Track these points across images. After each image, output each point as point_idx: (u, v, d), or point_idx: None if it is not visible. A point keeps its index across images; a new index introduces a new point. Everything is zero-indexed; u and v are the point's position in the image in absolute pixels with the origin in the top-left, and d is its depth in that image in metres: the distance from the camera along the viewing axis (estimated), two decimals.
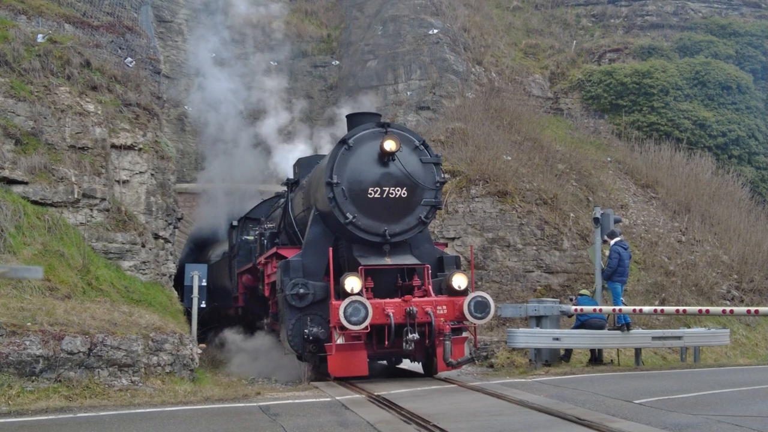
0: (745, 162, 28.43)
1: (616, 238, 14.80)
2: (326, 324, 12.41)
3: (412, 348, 11.95)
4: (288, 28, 30.85)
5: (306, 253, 13.13)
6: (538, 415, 8.45)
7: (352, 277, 11.99)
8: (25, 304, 11.14)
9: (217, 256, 24.08)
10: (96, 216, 14.52)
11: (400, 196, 12.86)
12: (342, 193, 12.65)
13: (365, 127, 13.18)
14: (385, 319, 11.81)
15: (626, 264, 14.71)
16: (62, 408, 9.49)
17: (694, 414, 8.17)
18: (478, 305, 12.18)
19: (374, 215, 12.76)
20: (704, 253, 22.31)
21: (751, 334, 19.94)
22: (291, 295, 12.53)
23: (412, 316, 11.90)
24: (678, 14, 32.42)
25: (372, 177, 12.79)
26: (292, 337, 12.59)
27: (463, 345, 12.96)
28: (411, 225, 13.03)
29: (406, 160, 12.90)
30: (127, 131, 15.85)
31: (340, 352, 11.89)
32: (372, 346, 12.32)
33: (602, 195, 22.93)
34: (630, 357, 15.52)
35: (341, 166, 12.77)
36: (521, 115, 25.96)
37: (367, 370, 12.14)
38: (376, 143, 12.75)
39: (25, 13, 17.39)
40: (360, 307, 11.43)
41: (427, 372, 13.27)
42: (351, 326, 11.40)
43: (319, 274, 12.92)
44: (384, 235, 12.75)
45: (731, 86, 29.12)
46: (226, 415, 9.20)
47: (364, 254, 12.85)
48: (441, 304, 12.37)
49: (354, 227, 12.66)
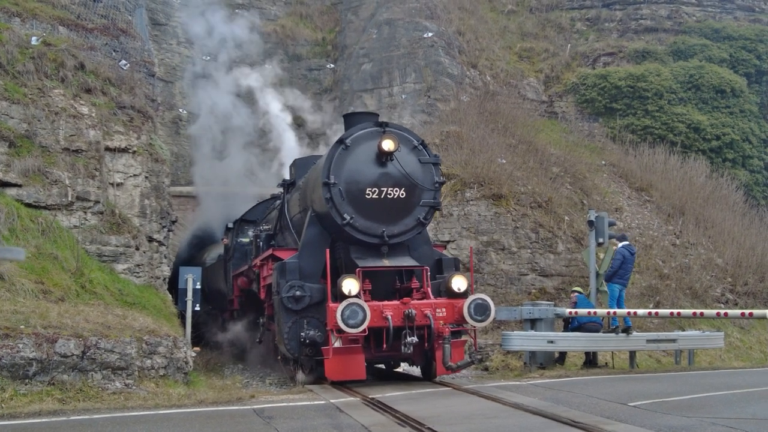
0: (739, 165, 28.51)
1: (624, 242, 14.92)
2: (323, 327, 12.17)
3: (410, 351, 11.73)
4: (283, 31, 30.85)
5: (302, 255, 12.91)
6: (533, 417, 8.45)
7: (349, 279, 11.74)
8: (18, 306, 11.09)
9: (212, 258, 23.95)
10: (90, 219, 14.48)
11: (399, 196, 12.64)
12: (339, 193, 12.44)
13: (363, 126, 12.94)
14: (383, 322, 11.57)
15: (629, 268, 14.78)
16: (56, 411, 9.45)
17: (689, 416, 8.19)
18: (478, 308, 11.95)
19: (372, 216, 12.54)
20: (698, 256, 22.35)
21: (745, 337, 19.98)
22: (287, 297, 12.31)
23: (411, 319, 11.66)
24: (672, 18, 32.50)
25: (370, 177, 12.56)
26: (288, 341, 12.36)
27: (462, 348, 12.73)
28: (409, 226, 12.83)
29: (405, 160, 12.68)
30: (121, 134, 15.82)
31: (338, 356, 11.66)
32: (370, 350, 12.10)
33: (597, 198, 22.96)
34: (624, 360, 15.53)
35: (338, 166, 12.55)
36: (516, 119, 25.97)
37: (365, 373, 11.96)
38: (374, 143, 12.54)
39: (19, 16, 17.35)
40: (358, 309, 11.21)
41: (425, 376, 13.05)
42: (348, 329, 11.18)
43: (316, 276, 12.70)
44: (382, 236, 12.55)
45: (725, 90, 29.20)
46: (220, 418, 9.18)
47: (362, 256, 12.61)
48: (440, 306, 12.10)
49: (351, 228, 12.46)
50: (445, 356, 11.59)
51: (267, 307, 15.00)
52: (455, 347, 12.10)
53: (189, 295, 15.37)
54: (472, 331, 12.73)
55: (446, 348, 11.60)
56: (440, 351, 11.76)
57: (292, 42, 30.96)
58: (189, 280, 15.44)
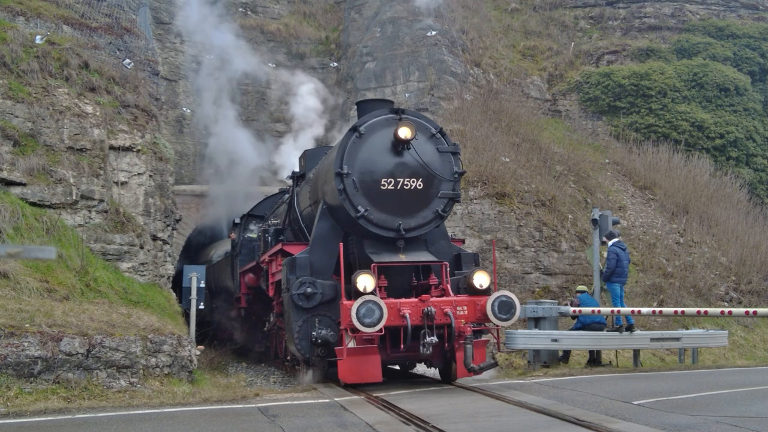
0: (743, 164, 28.49)
1: (614, 239, 14.82)
2: (336, 326, 11.50)
3: (429, 352, 10.92)
4: (286, 30, 30.87)
5: (313, 250, 12.17)
6: (537, 416, 8.45)
7: (364, 275, 10.95)
8: (23, 305, 11.12)
9: (219, 255, 23.54)
10: (94, 217, 14.50)
11: (416, 187, 11.87)
12: (353, 184, 11.64)
13: (378, 113, 12.14)
14: (400, 321, 10.78)
15: (625, 265, 14.71)
16: (61, 409, 9.47)
17: (693, 415, 8.18)
18: (502, 305, 11.12)
19: (388, 208, 11.78)
20: (702, 254, 22.34)
21: (749, 335, 19.97)
22: (298, 294, 11.59)
23: (431, 318, 10.87)
24: (676, 16, 32.47)
25: (385, 167, 11.76)
26: (298, 340, 11.68)
27: (484, 349, 11.87)
28: (427, 219, 12.04)
29: (422, 149, 11.90)
30: (125, 133, 15.84)
31: (352, 357, 10.87)
32: (385, 350, 11.31)
33: (600, 197, 22.95)
34: (628, 358, 15.53)
35: (352, 155, 11.74)
36: (519, 117, 25.98)
37: (381, 376, 11.15)
38: (389, 131, 11.73)
39: (24, 15, 17.37)
40: (374, 307, 10.44)
41: (444, 378, 12.23)
42: (364, 328, 10.40)
43: (328, 272, 12.00)
44: (398, 229, 11.77)
45: (729, 88, 29.18)
46: (224, 416, 9.20)
47: (377, 251, 11.84)
48: (461, 304, 11.27)
49: (366, 221, 11.67)
50: (467, 357, 10.85)
51: (276, 305, 14.49)
52: (477, 348, 11.33)
53: (193, 293, 15.38)
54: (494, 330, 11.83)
55: (468, 348, 10.85)
56: (461, 352, 11.04)
57: (296, 41, 30.98)
58: (193, 279, 15.46)
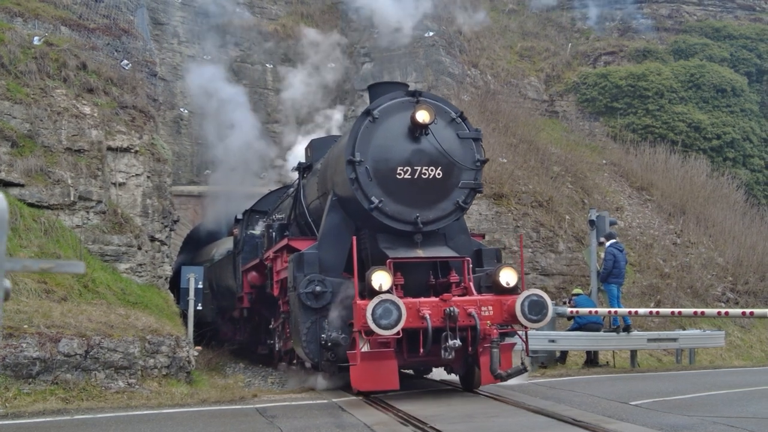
0: (740, 164, 28.56)
1: (611, 240, 14.86)
2: (348, 328, 10.39)
3: (452, 356, 9.85)
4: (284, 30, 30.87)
5: (322, 245, 11.12)
6: (535, 416, 8.47)
7: (380, 272, 9.84)
8: (21, 306, 11.12)
9: (220, 254, 22.70)
10: (92, 218, 14.50)
11: (434, 176, 10.79)
12: (366, 173, 10.59)
13: (393, 95, 11.06)
14: (420, 323, 9.68)
15: (622, 265, 14.75)
16: (59, 410, 9.48)
17: (690, 415, 8.22)
18: (533, 305, 9.96)
19: (404, 199, 10.72)
20: (699, 255, 22.40)
21: (746, 336, 20.03)
22: (306, 293, 10.51)
23: (453, 319, 9.77)
24: (673, 17, 32.55)
25: (401, 154, 10.72)
26: (306, 343, 10.62)
27: (510, 353, 10.66)
28: (447, 211, 10.94)
29: (442, 135, 10.83)
30: (123, 134, 15.84)
31: (366, 362, 9.74)
32: (402, 354, 10.14)
33: (597, 197, 23.00)
34: (625, 359, 15.57)
35: (365, 141, 10.70)
36: (517, 118, 26.03)
37: (398, 383, 9.95)
38: (406, 114, 10.67)
39: (22, 16, 17.36)
40: (392, 307, 9.34)
41: (466, 385, 11.10)
42: (381, 330, 9.30)
43: (338, 269, 10.96)
44: (416, 222, 10.69)
45: (726, 89, 29.26)
46: (223, 417, 9.21)
47: (392, 246, 10.75)
48: (486, 304, 10.18)
49: (380, 213, 10.61)
50: (493, 362, 9.79)
51: (282, 305, 13.34)
52: (503, 352, 10.24)
53: (191, 294, 15.37)
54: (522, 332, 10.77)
55: (494, 353, 9.79)
56: (486, 356, 9.97)
57: (293, 41, 30.97)
58: (191, 280, 15.45)
